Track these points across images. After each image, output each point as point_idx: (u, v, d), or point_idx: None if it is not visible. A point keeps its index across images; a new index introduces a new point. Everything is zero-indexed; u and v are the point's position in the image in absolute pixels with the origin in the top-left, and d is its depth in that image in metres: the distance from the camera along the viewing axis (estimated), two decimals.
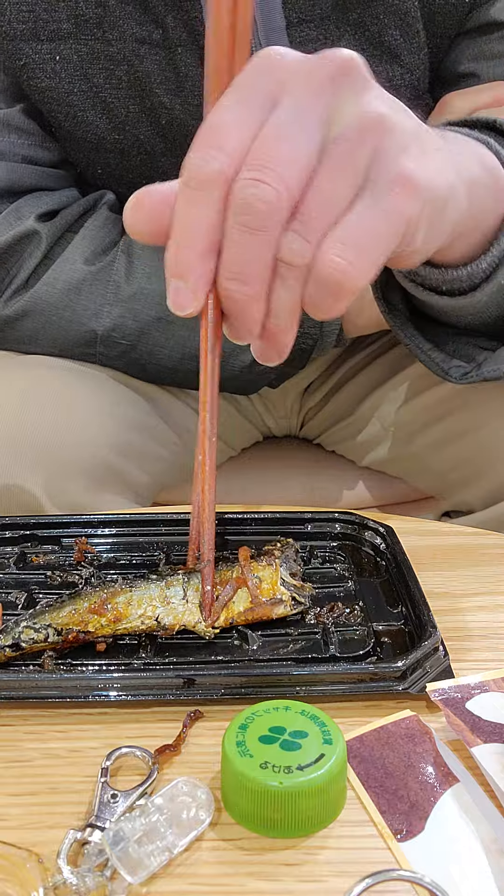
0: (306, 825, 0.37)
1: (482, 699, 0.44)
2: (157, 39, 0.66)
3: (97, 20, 0.66)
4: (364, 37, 0.66)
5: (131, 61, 0.67)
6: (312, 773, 0.37)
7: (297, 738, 0.39)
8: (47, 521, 0.62)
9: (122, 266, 0.72)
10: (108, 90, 0.69)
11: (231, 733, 0.39)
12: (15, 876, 0.34)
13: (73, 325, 0.73)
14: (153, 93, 0.68)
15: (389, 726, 0.43)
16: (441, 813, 0.38)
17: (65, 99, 0.70)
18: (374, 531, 0.60)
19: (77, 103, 0.70)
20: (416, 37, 0.68)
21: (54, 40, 0.67)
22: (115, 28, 0.66)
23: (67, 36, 0.67)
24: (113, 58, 0.67)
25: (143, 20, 0.66)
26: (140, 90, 0.68)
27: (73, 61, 0.68)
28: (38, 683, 0.45)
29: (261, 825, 0.37)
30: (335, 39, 0.66)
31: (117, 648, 0.49)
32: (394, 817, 0.38)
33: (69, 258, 0.72)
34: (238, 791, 0.37)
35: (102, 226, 0.74)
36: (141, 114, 0.70)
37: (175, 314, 0.73)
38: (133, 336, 0.73)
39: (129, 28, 0.66)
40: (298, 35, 0.65)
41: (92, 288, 0.72)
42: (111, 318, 0.72)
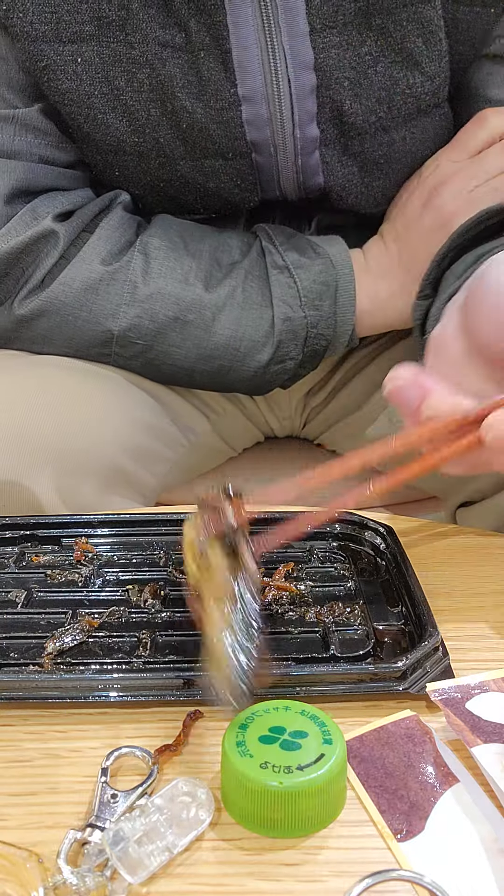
0: (306, 825, 0.37)
1: (482, 699, 0.44)
2: (179, 43, 0.66)
3: (120, 22, 0.66)
4: (386, 43, 0.66)
5: (153, 64, 0.67)
6: (312, 773, 0.37)
7: (297, 738, 0.39)
8: (47, 521, 0.62)
9: (139, 266, 0.72)
10: (129, 93, 0.68)
11: (231, 733, 0.39)
12: (15, 876, 0.34)
13: (90, 325, 0.73)
14: (175, 97, 0.68)
15: (389, 726, 0.43)
16: (441, 813, 0.38)
17: (85, 101, 0.69)
18: (374, 531, 0.60)
19: (97, 106, 0.69)
20: (439, 45, 0.68)
21: (76, 42, 0.67)
22: (138, 31, 0.66)
23: (90, 38, 0.66)
24: (135, 61, 0.67)
25: (167, 23, 0.65)
26: (161, 94, 0.68)
27: (94, 63, 0.67)
28: (38, 684, 0.45)
29: (261, 825, 0.37)
30: (357, 45, 0.66)
31: (118, 648, 0.49)
32: (394, 817, 0.38)
33: (86, 258, 0.72)
34: (238, 791, 0.37)
35: (118, 226, 0.74)
36: (161, 117, 0.69)
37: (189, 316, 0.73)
38: (149, 336, 0.73)
39: (152, 31, 0.66)
40: (322, 41, 0.65)
41: (109, 288, 0.72)
42: (128, 318, 0.72)
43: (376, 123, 0.70)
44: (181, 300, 0.72)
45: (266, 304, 0.72)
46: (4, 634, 0.50)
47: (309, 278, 0.72)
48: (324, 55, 0.66)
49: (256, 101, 0.68)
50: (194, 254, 0.73)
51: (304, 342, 0.73)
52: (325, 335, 0.73)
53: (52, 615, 0.52)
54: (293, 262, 0.73)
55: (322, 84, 0.67)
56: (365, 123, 0.69)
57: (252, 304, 0.72)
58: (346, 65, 0.66)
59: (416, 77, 0.68)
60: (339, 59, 0.66)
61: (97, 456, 0.72)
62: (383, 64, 0.67)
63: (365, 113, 0.69)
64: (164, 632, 0.50)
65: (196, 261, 0.73)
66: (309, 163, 0.72)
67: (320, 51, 0.65)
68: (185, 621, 0.52)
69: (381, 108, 0.69)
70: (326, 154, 0.71)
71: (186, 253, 0.73)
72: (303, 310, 0.72)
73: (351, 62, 0.66)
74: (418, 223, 0.73)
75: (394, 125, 0.70)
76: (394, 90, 0.68)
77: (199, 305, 0.72)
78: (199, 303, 0.72)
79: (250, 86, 0.67)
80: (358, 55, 0.66)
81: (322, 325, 0.73)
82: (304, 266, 0.73)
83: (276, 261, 0.73)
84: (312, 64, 0.66)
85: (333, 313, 0.73)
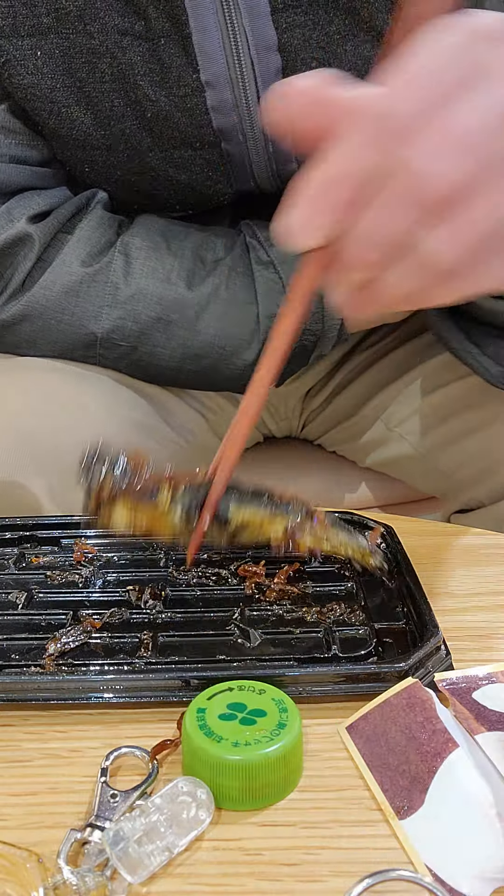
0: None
1: (489, 690, 0.44)
2: (139, 31, 0.64)
3: (78, 13, 0.64)
4: (354, 21, 0.64)
5: (114, 53, 0.66)
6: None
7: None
8: (47, 522, 0.62)
9: (120, 267, 0.71)
10: (91, 84, 0.67)
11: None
12: (15, 876, 0.34)
13: (73, 328, 0.72)
14: (137, 85, 0.67)
15: (392, 699, 0.43)
16: (440, 783, 0.38)
17: (48, 95, 0.68)
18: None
19: (60, 99, 0.68)
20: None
21: (35, 35, 0.65)
22: (97, 20, 0.64)
23: (48, 30, 0.65)
24: (95, 51, 0.66)
25: (126, 11, 0.64)
26: (124, 83, 0.67)
27: (55, 56, 0.66)
28: (40, 685, 0.45)
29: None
30: (325, 24, 0.64)
31: (119, 649, 0.49)
32: (396, 794, 0.39)
33: (65, 260, 0.71)
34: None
35: (97, 226, 0.73)
36: (126, 107, 0.68)
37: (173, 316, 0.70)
38: (133, 338, 0.73)
39: (111, 20, 0.64)
40: (285, 21, 0.63)
41: (90, 290, 0.71)
42: (110, 320, 0.72)
43: None
44: (164, 300, 0.71)
45: (251, 300, 0.71)
46: (5, 636, 0.50)
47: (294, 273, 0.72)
48: (288, 35, 0.64)
49: (220, 87, 0.66)
50: (176, 252, 0.72)
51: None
52: (313, 330, 0.72)
53: (52, 616, 0.52)
54: (277, 257, 0.71)
55: (288, 66, 0.65)
56: None
57: (237, 301, 0.71)
58: (312, 44, 0.64)
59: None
60: (304, 39, 0.64)
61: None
62: (352, 42, 0.64)
63: None
64: (166, 632, 0.50)
65: (178, 259, 0.72)
66: (281, 149, 0.70)
67: (284, 31, 0.64)
68: (186, 622, 0.52)
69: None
70: None
71: (168, 252, 0.72)
72: None
73: (319, 41, 0.64)
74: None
75: None
76: (365, 69, 0.64)
77: (182, 304, 0.71)
78: (182, 302, 0.71)
79: (213, 70, 0.65)
80: (326, 34, 0.64)
81: (309, 320, 0.72)
82: (289, 261, 0.71)
83: (261, 256, 0.72)
84: (276, 45, 0.64)
85: (321, 309, 0.72)
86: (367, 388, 0.86)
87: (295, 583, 0.55)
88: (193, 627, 0.51)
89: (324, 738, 0.43)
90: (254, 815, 0.38)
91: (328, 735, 0.43)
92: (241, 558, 0.58)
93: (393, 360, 0.85)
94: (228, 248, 0.73)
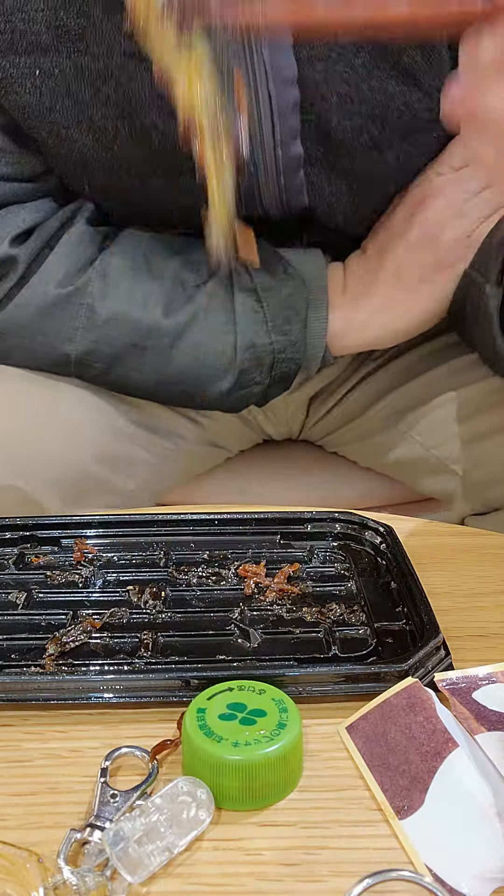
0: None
1: (489, 690, 0.44)
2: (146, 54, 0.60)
3: (79, 32, 0.61)
4: (381, 56, 0.61)
5: (119, 78, 0.62)
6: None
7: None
8: (47, 522, 0.62)
9: (97, 289, 0.69)
10: (94, 108, 0.64)
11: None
12: (15, 876, 0.34)
13: (46, 348, 0.71)
14: (143, 112, 0.63)
15: (392, 699, 0.43)
16: (440, 783, 0.38)
17: (47, 116, 0.65)
18: (374, 531, 0.60)
19: (60, 120, 0.65)
20: (439, 59, 0.62)
21: (33, 53, 0.62)
22: (102, 42, 0.61)
23: (47, 49, 0.62)
24: (99, 74, 0.62)
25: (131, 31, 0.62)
26: (129, 109, 0.63)
27: (54, 76, 0.62)
28: (40, 685, 0.45)
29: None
30: (350, 57, 0.61)
31: (119, 649, 0.49)
32: (396, 794, 0.39)
33: (42, 279, 0.69)
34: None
35: (78, 242, 0.70)
36: (131, 134, 0.65)
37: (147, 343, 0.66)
38: (107, 360, 0.71)
39: (116, 41, 0.60)
40: (306, 53, 0.61)
41: (63, 312, 0.69)
42: (84, 342, 0.70)
43: (367, 142, 0.65)
44: (139, 326, 0.69)
45: (229, 330, 0.69)
46: (5, 636, 0.50)
47: (277, 302, 0.69)
48: (308, 68, 0.61)
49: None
50: (157, 275, 0.70)
51: (271, 367, 0.70)
52: (294, 359, 0.70)
53: (52, 616, 0.52)
54: (262, 283, 0.69)
55: (306, 99, 0.62)
56: (354, 142, 0.64)
57: (214, 330, 0.69)
58: (335, 78, 0.61)
59: (414, 93, 0.63)
60: (326, 73, 0.61)
61: (63, 467, 0.71)
62: (377, 78, 0.62)
63: (355, 130, 0.64)
64: (166, 632, 0.50)
65: (158, 282, 0.70)
66: (293, 182, 0.67)
67: (304, 64, 0.61)
68: (186, 622, 0.52)
69: (373, 125, 0.64)
70: (312, 173, 0.67)
71: (149, 274, 0.70)
72: (269, 335, 0.69)
73: (342, 75, 0.61)
74: (404, 237, 0.69)
75: (387, 144, 0.65)
76: (388, 106, 0.63)
77: (157, 332, 0.69)
78: (157, 329, 0.69)
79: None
80: (351, 67, 0.61)
81: (290, 349, 0.70)
82: (273, 288, 0.69)
83: (244, 282, 0.69)
84: (296, 78, 0.61)
85: (303, 338, 0.70)
86: (374, 391, 0.85)
87: (295, 583, 0.55)
88: (193, 627, 0.51)
89: (324, 738, 0.43)
90: (254, 815, 0.38)
91: (328, 735, 0.43)
92: (242, 558, 0.58)
93: (404, 362, 0.83)
94: (212, 269, 0.70)
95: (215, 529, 0.61)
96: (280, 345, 0.69)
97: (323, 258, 0.71)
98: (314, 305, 0.70)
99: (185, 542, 0.60)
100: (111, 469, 0.75)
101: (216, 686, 0.43)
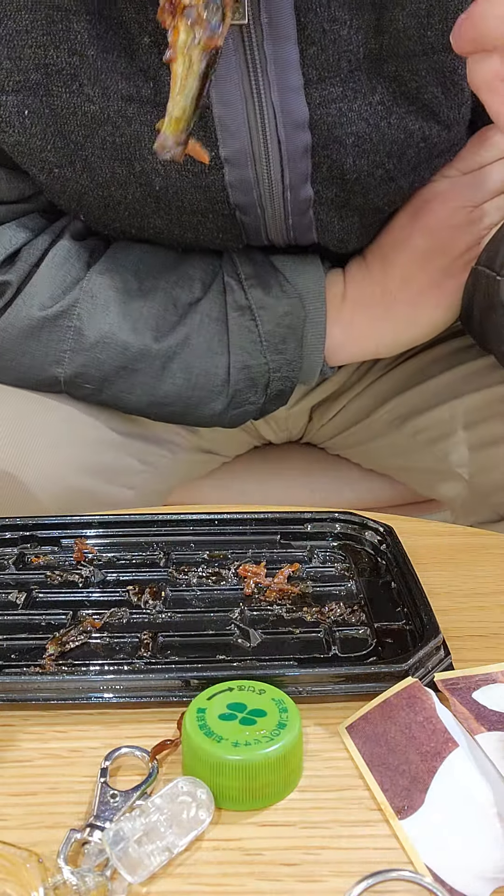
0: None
1: (489, 690, 0.44)
2: (147, 96, 0.57)
3: (72, 72, 0.57)
4: (399, 92, 0.58)
5: (116, 122, 0.58)
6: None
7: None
8: (47, 522, 0.62)
9: (85, 310, 0.67)
10: (88, 150, 0.60)
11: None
12: (15, 876, 0.34)
13: (34, 370, 0.69)
14: (144, 158, 0.60)
15: (392, 699, 0.43)
16: (441, 783, 0.38)
17: (38, 155, 0.61)
18: (374, 531, 0.60)
19: (52, 160, 0.61)
20: (460, 93, 0.59)
21: (20, 92, 0.58)
22: (97, 83, 0.57)
23: (37, 87, 0.58)
24: (94, 117, 0.58)
25: (130, 73, 0.56)
26: (128, 153, 0.60)
27: (44, 115, 0.59)
28: (40, 686, 0.45)
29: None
30: (367, 93, 0.58)
31: (119, 649, 0.49)
32: (396, 794, 0.39)
33: (27, 301, 0.67)
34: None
35: (64, 262, 0.68)
36: (129, 177, 0.61)
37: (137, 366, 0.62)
38: (97, 382, 0.69)
39: (114, 83, 0.57)
40: (319, 95, 0.57)
41: (51, 335, 0.67)
42: (73, 365, 0.68)
43: (383, 176, 0.62)
44: (128, 350, 0.67)
45: (222, 351, 0.67)
46: (5, 636, 0.50)
47: (273, 320, 0.67)
48: (321, 111, 0.58)
49: (241, 164, 0.60)
50: (147, 293, 0.68)
51: (266, 386, 0.69)
52: (291, 377, 0.69)
53: (52, 616, 0.52)
54: (257, 301, 0.67)
55: (319, 143, 0.59)
56: (370, 178, 0.62)
57: (206, 352, 0.67)
58: (353, 117, 0.58)
59: (433, 128, 0.60)
60: (341, 114, 0.58)
61: (51, 482, 0.70)
62: (397, 115, 0.59)
63: (371, 167, 0.61)
64: (166, 632, 0.50)
65: (148, 303, 0.67)
66: (301, 222, 0.65)
67: (317, 106, 0.58)
68: (186, 622, 0.52)
69: (390, 161, 0.61)
70: (321, 212, 0.64)
71: (139, 293, 0.68)
72: (264, 356, 0.67)
73: (360, 113, 0.58)
74: (407, 243, 0.67)
75: (402, 175, 0.63)
76: (408, 143, 0.61)
77: (147, 356, 0.67)
78: (148, 353, 0.67)
79: (234, 147, 0.59)
80: (369, 104, 0.58)
81: (286, 368, 0.68)
82: (269, 306, 0.67)
83: (238, 300, 0.67)
84: (307, 121, 0.58)
85: (299, 356, 0.68)
86: (379, 394, 0.84)
87: (295, 583, 0.55)
88: (193, 627, 0.51)
89: (324, 738, 0.43)
90: (254, 815, 0.38)
91: (328, 735, 0.43)
92: (242, 558, 0.58)
93: (410, 367, 0.82)
94: (206, 285, 0.69)
95: (215, 529, 0.61)
96: (276, 364, 0.68)
97: (321, 269, 0.69)
98: (311, 321, 0.68)
99: (185, 542, 0.60)
100: (103, 480, 0.74)
101: (216, 686, 0.43)
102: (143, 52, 0.56)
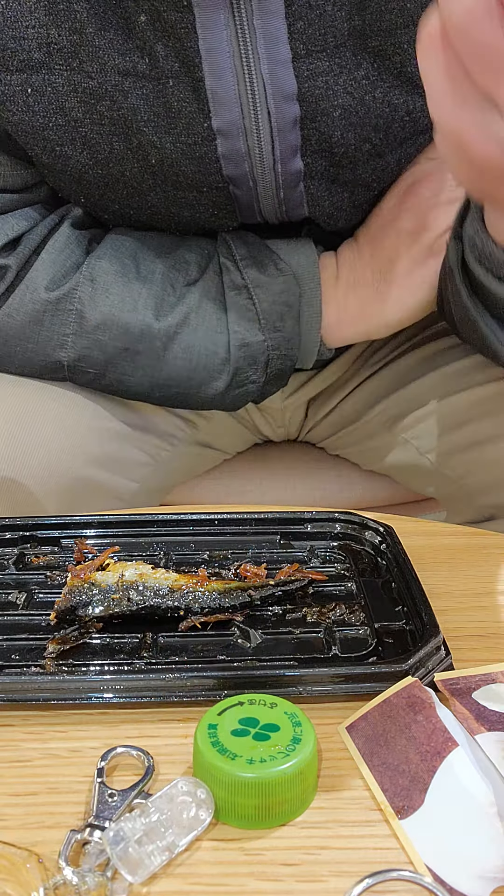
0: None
1: (489, 690, 0.44)
2: (143, 70, 0.59)
3: (72, 49, 0.59)
4: (384, 66, 0.60)
5: (114, 96, 0.60)
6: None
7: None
8: (47, 522, 0.62)
9: (86, 294, 0.69)
10: (88, 125, 0.62)
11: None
12: (15, 876, 0.34)
13: (38, 355, 0.71)
14: (140, 131, 0.61)
15: (392, 698, 0.43)
16: (440, 783, 0.38)
17: (40, 133, 0.63)
18: (374, 531, 0.60)
19: (54, 138, 0.63)
20: None
21: (24, 70, 0.60)
22: (95, 59, 0.59)
23: (39, 66, 0.60)
24: (93, 92, 0.60)
25: (127, 49, 0.58)
26: (125, 127, 0.62)
27: (46, 94, 0.61)
28: (40, 686, 0.45)
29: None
30: (352, 68, 0.59)
31: (119, 649, 0.49)
32: (396, 794, 0.39)
33: (29, 286, 0.69)
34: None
35: (64, 247, 0.70)
36: (127, 151, 0.63)
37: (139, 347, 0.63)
38: (100, 365, 0.71)
39: (111, 59, 0.59)
40: (307, 68, 0.59)
41: (53, 319, 0.69)
42: (76, 349, 0.70)
43: (370, 151, 0.64)
44: (130, 330, 0.69)
45: (221, 329, 0.69)
46: (5, 636, 0.50)
47: (269, 298, 0.68)
48: (309, 84, 0.59)
49: (233, 136, 0.62)
50: (146, 277, 0.69)
51: (266, 365, 0.70)
52: (290, 355, 0.70)
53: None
54: (252, 280, 0.68)
55: (307, 115, 0.61)
56: (357, 152, 0.64)
57: (206, 330, 0.69)
58: (338, 91, 0.60)
59: (417, 101, 0.62)
60: (327, 87, 0.60)
61: (57, 471, 0.70)
62: (381, 89, 0.61)
63: (358, 141, 0.63)
64: (166, 632, 0.50)
65: (147, 285, 0.69)
66: (292, 195, 0.66)
67: (305, 79, 0.59)
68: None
69: (376, 135, 0.63)
70: (312, 186, 0.66)
71: (137, 276, 0.69)
72: (262, 332, 0.69)
73: (346, 87, 0.60)
74: (394, 224, 0.69)
75: (389, 149, 0.65)
76: (392, 117, 0.62)
77: (148, 336, 0.69)
78: (149, 333, 0.69)
79: (226, 118, 0.61)
80: (353, 79, 0.60)
81: (284, 346, 0.69)
82: (265, 285, 0.68)
83: (235, 280, 0.69)
84: (296, 94, 0.60)
85: (297, 333, 0.69)
86: (371, 395, 0.85)
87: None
88: (193, 627, 0.51)
89: (324, 738, 0.43)
90: None
91: (328, 735, 0.43)
92: (242, 558, 0.58)
93: (400, 367, 0.83)
94: (202, 267, 0.70)
95: (215, 529, 0.61)
96: (274, 342, 0.69)
97: (314, 250, 0.70)
98: (307, 300, 0.69)
99: (185, 542, 0.60)
100: (108, 471, 0.75)
101: (226, 700, 0.41)
102: (139, 28, 0.58)
